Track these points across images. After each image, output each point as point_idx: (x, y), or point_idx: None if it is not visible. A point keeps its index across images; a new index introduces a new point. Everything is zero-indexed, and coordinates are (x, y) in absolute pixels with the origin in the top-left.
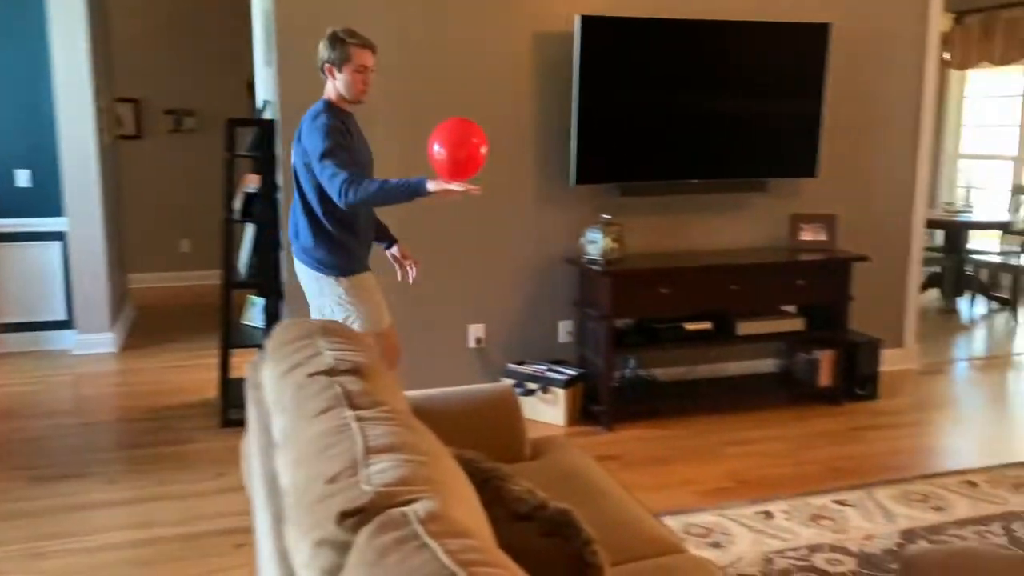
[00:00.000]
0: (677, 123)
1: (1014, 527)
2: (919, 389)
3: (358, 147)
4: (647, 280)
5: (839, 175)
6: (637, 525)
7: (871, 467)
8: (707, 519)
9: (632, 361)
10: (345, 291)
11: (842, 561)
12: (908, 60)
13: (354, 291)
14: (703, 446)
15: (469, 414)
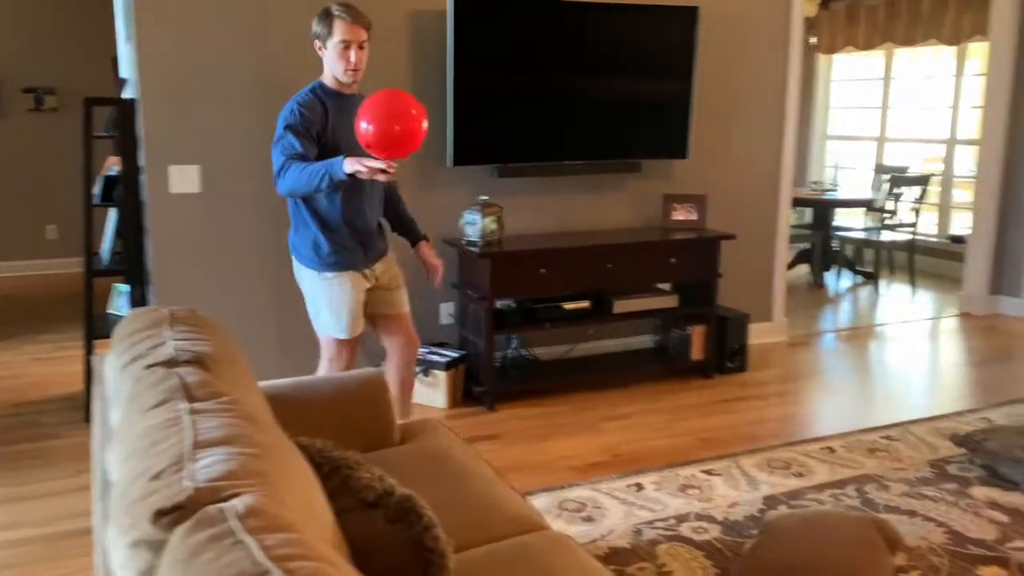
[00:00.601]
0: (553, 104)
1: (867, 489)
2: (786, 361)
3: (339, 134)
4: (526, 261)
5: (709, 156)
6: (500, 505)
7: (738, 437)
8: (581, 494)
9: (514, 341)
10: (313, 287)
11: (707, 529)
12: (774, 44)
13: (320, 290)
14: (581, 422)
15: (336, 401)
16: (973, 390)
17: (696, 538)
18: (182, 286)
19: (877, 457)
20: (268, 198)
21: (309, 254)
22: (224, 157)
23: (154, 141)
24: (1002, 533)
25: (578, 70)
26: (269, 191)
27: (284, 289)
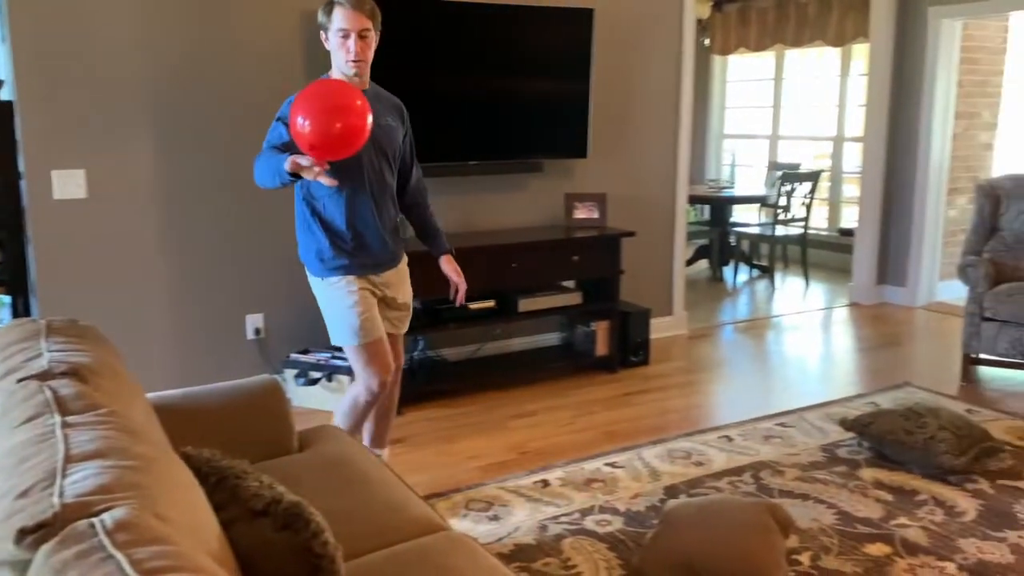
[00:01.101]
0: (454, 105)
1: (762, 475)
2: (687, 353)
3: None
4: (430, 262)
5: (609, 155)
6: (399, 508)
7: (642, 429)
8: (488, 493)
9: (420, 343)
10: (321, 295)
11: (610, 521)
12: (668, 45)
13: (328, 297)
14: (489, 421)
15: (229, 410)
16: (862, 376)
17: (600, 531)
18: (69, 296)
19: (772, 444)
20: (162, 202)
21: (314, 260)
22: (112, 160)
23: (34, 145)
24: (887, 511)
25: (478, 71)
26: (162, 195)
27: (177, 296)
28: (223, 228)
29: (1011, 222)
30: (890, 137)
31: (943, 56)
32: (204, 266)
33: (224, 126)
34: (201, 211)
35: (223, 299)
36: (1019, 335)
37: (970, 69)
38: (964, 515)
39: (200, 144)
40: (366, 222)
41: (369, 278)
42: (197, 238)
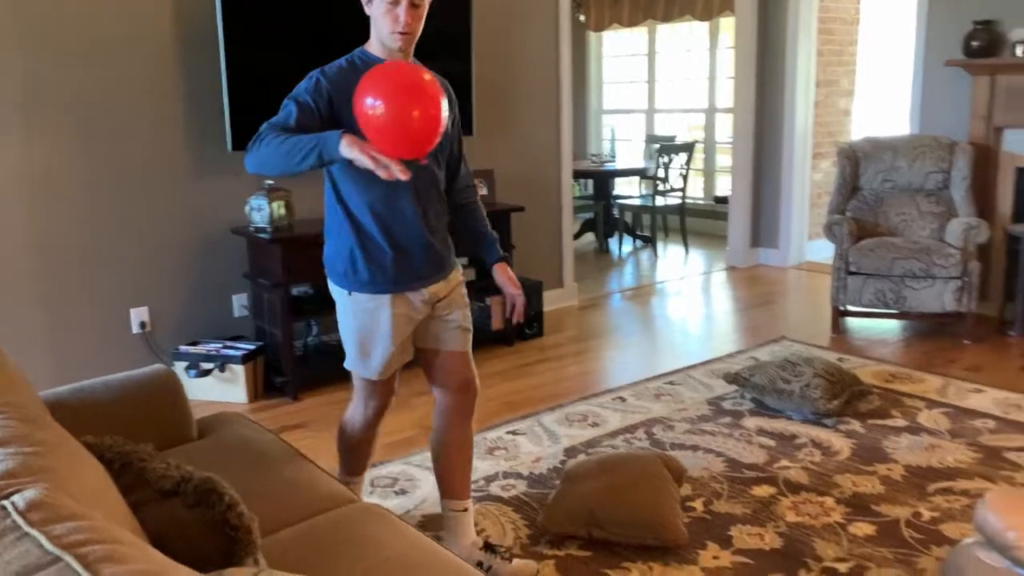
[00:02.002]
0: None
1: (654, 430)
2: (579, 323)
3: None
4: (319, 244)
5: (494, 133)
6: (309, 485)
7: (540, 397)
8: (394, 469)
9: (314, 328)
10: (342, 310)
11: (515, 485)
12: (545, 23)
13: (349, 315)
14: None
15: (123, 403)
16: (741, 333)
17: (505, 495)
18: None
19: (662, 401)
20: (28, 196)
21: (342, 268)
22: None
23: None
24: (770, 456)
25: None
26: (28, 188)
27: (54, 295)
28: (98, 221)
29: (870, 181)
30: (758, 107)
31: (803, 27)
32: (80, 261)
33: (97, 114)
34: (72, 204)
35: (104, 294)
36: (881, 287)
37: (827, 39)
38: (839, 454)
39: (70, 132)
40: (407, 225)
41: (407, 296)
42: (70, 232)
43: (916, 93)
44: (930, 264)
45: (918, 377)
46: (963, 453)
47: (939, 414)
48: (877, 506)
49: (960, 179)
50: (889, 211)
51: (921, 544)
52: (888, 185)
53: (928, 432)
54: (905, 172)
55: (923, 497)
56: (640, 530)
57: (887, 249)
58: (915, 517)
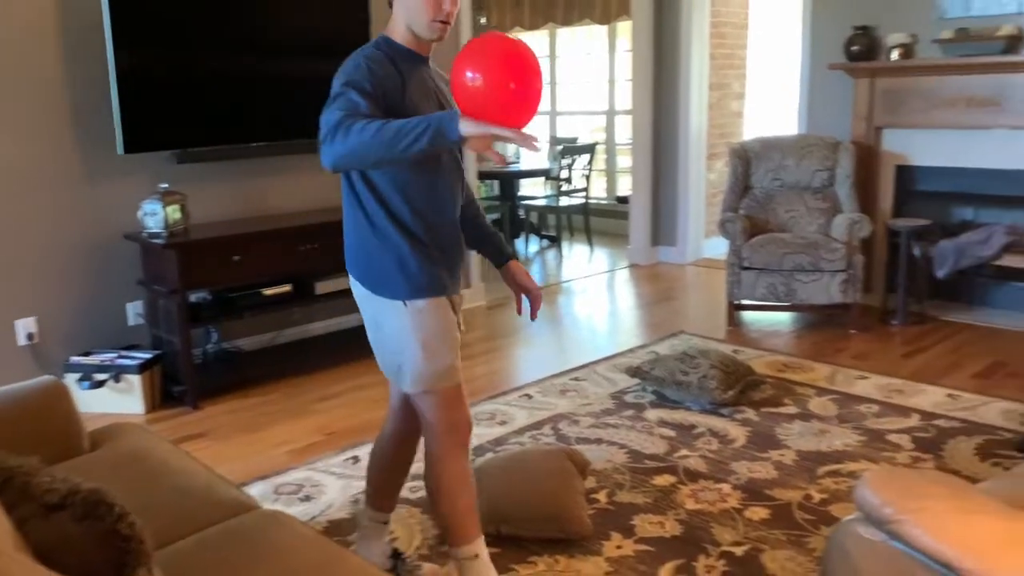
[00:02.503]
0: (234, 85)
1: (560, 426)
2: (487, 322)
3: (414, 102)
4: (217, 249)
5: None
6: (207, 494)
7: None
8: (298, 476)
9: (213, 334)
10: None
11: (421, 487)
12: None
13: (414, 326)
14: (293, 407)
15: (7, 416)
16: (643, 329)
17: (412, 497)
18: None
19: (568, 397)
20: None
21: (393, 278)
22: None
23: None
24: (670, 446)
25: (258, 49)
26: None
27: None
28: None
29: (760, 180)
30: (655, 109)
31: (696, 32)
32: None
33: None
34: None
35: None
36: (773, 281)
37: (719, 43)
38: (735, 441)
39: None
40: (447, 223)
41: (452, 299)
42: None
43: (802, 95)
44: (817, 258)
45: (808, 366)
46: (850, 437)
47: (828, 401)
48: (771, 490)
49: (844, 177)
50: (779, 208)
51: (812, 525)
52: (777, 183)
53: (818, 418)
54: (793, 171)
55: (813, 480)
56: (546, 524)
57: (777, 245)
58: (806, 499)
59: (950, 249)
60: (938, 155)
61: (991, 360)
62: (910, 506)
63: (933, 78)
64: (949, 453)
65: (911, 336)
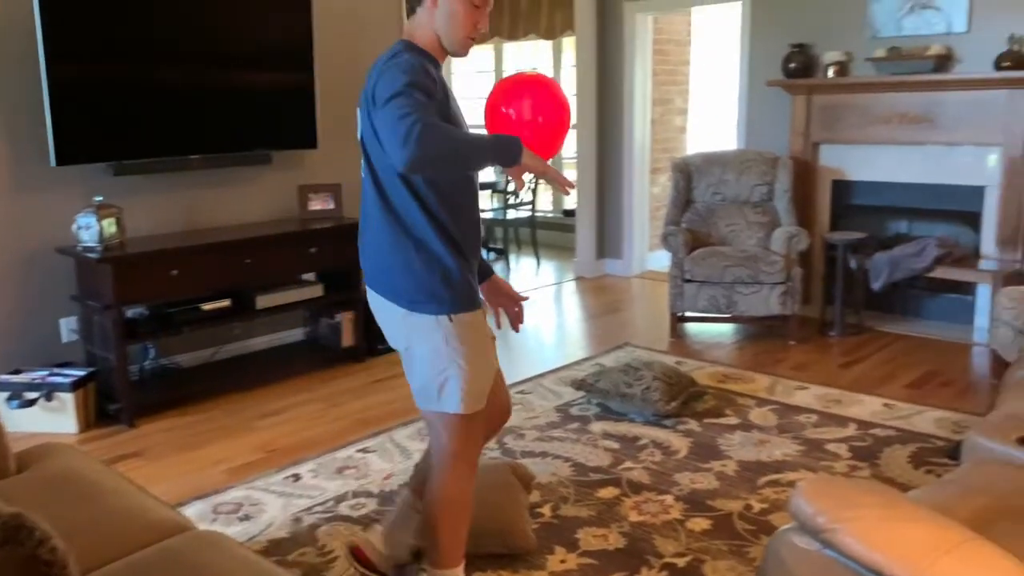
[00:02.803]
0: (172, 97)
1: (505, 439)
2: None
3: (454, 110)
4: (155, 263)
5: (340, 145)
6: (140, 516)
7: (393, 412)
8: (237, 495)
9: (151, 350)
10: (443, 340)
11: (365, 504)
12: (389, 36)
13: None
14: (233, 424)
15: None
16: (589, 341)
17: (354, 514)
18: None
19: (514, 410)
20: None
21: (436, 291)
22: None
23: None
24: (615, 458)
25: (197, 60)
26: None
27: None
28: None
29: (702, 194)
30: (599, 124)
31: (639, 48)
32: None
33: None
34: None
35: None
36: (714, 293)
37: (662, 60)
38: (678, 453)
39: None
40: (476, 234)
41: None
42: None
43: (742, 111)
44: (757, 271)
45: (749, 377)
46: (789, 447)
47: (768, 411)
48: (712, 501)
49: (782, 191)
50: (720, 222)
51: (752, 535)
52: (718, 198)
53: (758, 428)
54: (733, 185)
55: (754, 490)
56: (490, 539)
57: (718, 258)
58: (746, 509)
59: (885, 261)
60: (873, 170)
61: (925, 370)
62: (843, 515)
63: (867, 95)
64: (885, 461)
65: (848, 347)
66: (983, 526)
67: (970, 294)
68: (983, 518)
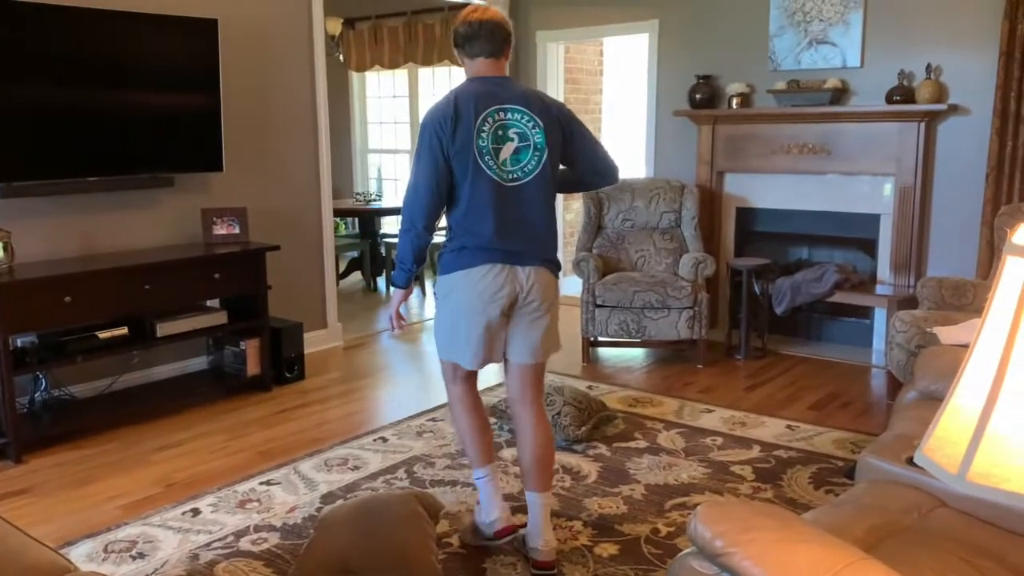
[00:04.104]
0: (68, 118)
1: (415, 469)
2: (344, 364)
3: None
4: (46, 289)
5: (247, 169)
6: (14, 557)
7: (300, 443)
8: (131, 532)
9: (43, 381)
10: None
11: (267, 538)
12: (299, 59)
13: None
14: (129, 458)
15: None
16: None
17: (255, 549)
18: None
19: (424, 439)
20: None
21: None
22: None
23: None
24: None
25: (96, 81)
26: None
27: None
28: None
29: (612, 221)
30: None
31: (551, 76)
32: None
33: None
34: None
35: None
36: (624, 318)
37: (574, 88)
38: (588, 478)
39: None
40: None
41: None
42: None
43: (650, 139)
44: (665, 296)
45: (658, 400)
46: (696, 469)
47: (675, 434)
48: (620, 526)
49: (689, 218)
50: (630, 248)
51: (658, 559)
52: (628, 224)
53: (666, 452)
54: (643, 212)
55: (661, 514)
56: (394, 573)
57: (628, 283)
58: (654, 533)
59: (787, 287)
60: (775, 198)
61: (825, 392)
62: (739, 539)
63: (769, 126)
64: (787, 483)
65: (753, 370)
66: (874, 544)
67: (868, 318)
68: (874, 536)
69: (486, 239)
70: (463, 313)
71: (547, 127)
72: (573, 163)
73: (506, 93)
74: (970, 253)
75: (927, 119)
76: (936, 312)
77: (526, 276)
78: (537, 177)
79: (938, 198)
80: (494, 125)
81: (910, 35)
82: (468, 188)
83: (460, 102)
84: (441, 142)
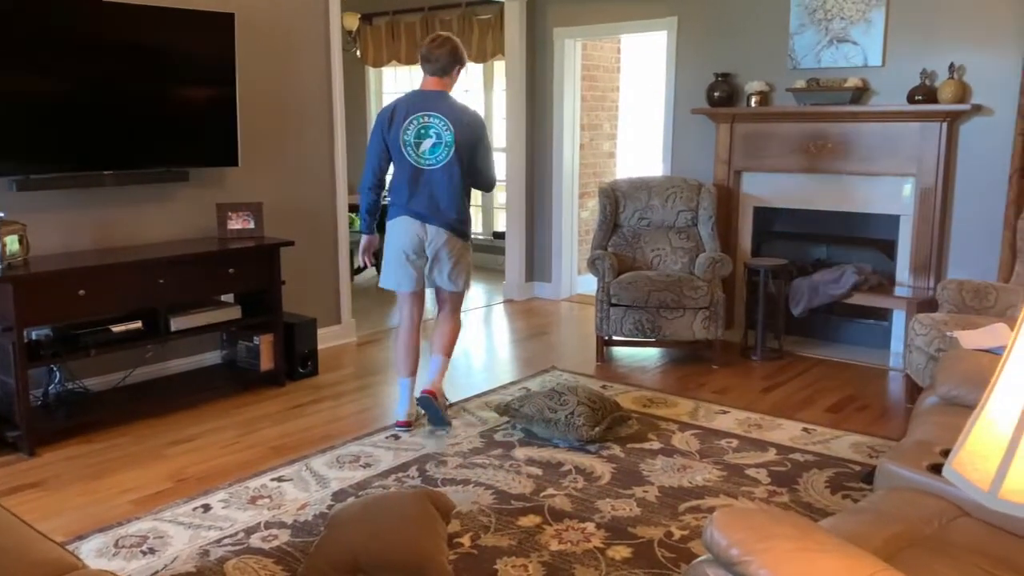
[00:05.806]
0: (85, 110)
1: (427, 467)
2: (357, 360)
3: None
4: (61, 282)
5: (263, 164)
6: (19, 553)
7: (311, 439)
8: (142, 527)
9: (57, 374)
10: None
11: (277, 536)
12: (316, 54)
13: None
14: (142, 452)
15: None
16: (516, 364)
17: (266, 547)
18: None
19: (436, 437)
20: None
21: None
22: None
23: None
24: (537, 485)
25: (113, 75)
26: None
27: None
28: None
29: (628, 219)
30: (529, 147)
31: (568, 73)
32: None
33: None
34: None
35: None
36: (639, 317)
37: (591, 85)
38: (601, 479)
39: None
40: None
41: None
42: None
43: (667, 138)
44: (681, 295)
45: (672, 401)
46: (710, 472)
47: (690, 436)
48: (634, 528)
49: (706, 217)
50: (645, 247)
51: (672, 563)
52: (644, 223)
53: (680, 453)
54: (659, 210)
55: (675, 517)
56: (405, 573)
57: (643, 282)
58: (667, 537)
59: (805, 287)
60: (793, 198)
61: (843, 394)
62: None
63: (788, 124)
64: (803, 487)
65: (769, 371)
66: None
67: (886, 320)
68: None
69: (403, 202)
70: (391, 250)
71: (458, 132)
72: (468, 167)
73: (434, 104)
74: (991, 256)
75: (949, 119)
76: (957, 315)
77: (428, 231)
78: (445, 165)
79: (959, 199)
80: (418, 126)
81: (933, 34)
82: (396, 167)
83: (399, 106)
84: (382, 131)
